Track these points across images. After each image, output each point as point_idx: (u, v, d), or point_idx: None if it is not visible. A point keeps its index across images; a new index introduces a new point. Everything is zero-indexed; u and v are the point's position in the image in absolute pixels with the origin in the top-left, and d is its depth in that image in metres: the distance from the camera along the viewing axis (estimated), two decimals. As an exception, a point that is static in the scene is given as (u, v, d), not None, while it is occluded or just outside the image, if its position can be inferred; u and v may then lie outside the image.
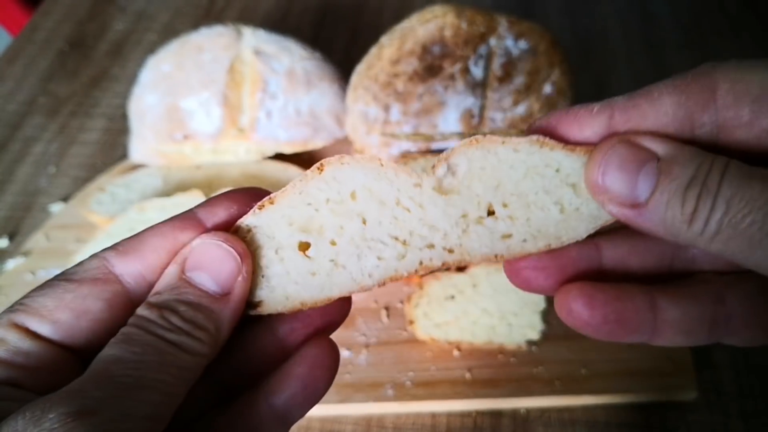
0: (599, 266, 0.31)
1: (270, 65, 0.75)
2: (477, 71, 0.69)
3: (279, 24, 1.02)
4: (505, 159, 0.28)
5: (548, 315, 0.60)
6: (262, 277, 0.29)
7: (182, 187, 0.73)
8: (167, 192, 0.73)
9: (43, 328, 0.26)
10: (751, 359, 0.59)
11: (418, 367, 0.59)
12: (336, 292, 0.29)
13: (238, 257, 0.27)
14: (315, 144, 0.76)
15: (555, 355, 0.58)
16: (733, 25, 0.96)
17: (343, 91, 0.77)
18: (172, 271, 0.28)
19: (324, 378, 0.30)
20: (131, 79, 0.81)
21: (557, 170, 0.28)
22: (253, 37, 0.77)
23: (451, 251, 0.29)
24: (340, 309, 0.32)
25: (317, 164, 0.28)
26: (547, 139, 0.28)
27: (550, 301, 0.59)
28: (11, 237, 0.74)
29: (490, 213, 0.29)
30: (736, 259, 0.24)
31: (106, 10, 1.07)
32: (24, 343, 0.26)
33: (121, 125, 0.85)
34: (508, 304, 0.59)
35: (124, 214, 0.68)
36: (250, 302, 0.29)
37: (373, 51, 0.73)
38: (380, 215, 0.29)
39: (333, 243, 0.29)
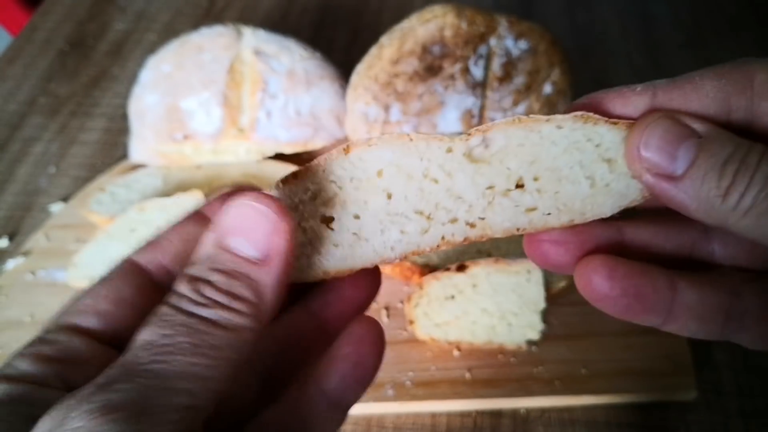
0: (620, 247, 0.31)
1: (270, 65, 0.75)
2: (477, 71, 0.69)
3: (279, 24, 1.02)
4: (547, 135, 0.28)
5: (548, 315, 0.60)
6: None
7: (182, 187, 0.73)
8: (167, 192, 0.73)
9: (89, 321, 0.27)
10: (751, 359, 0.59)
11: (418, 366, 0.59)
12: (358, 264, 0.29)
13: (274, 215, 0.25)
14: (315, 144, 0.76)
15: (555, 354, 0.58)
16: (732, 25, 0.96)
17: (343, 91, 0.77)
18: (208, 239, 0.26)
19: (372, 355, 0.29)
20: (131, 79, 0.81)
21: (597, 145, 0.28)
22: (253, 37, 0.77)
23: (473, 226, 0.29)
24: (372, 282, 0.32)
25: (343, 146, 0.28)
26: (591, 114, 0.28)
27: (549, 301, 0.59)
28: (11, 237, 0.74)
29: (518, 186, 0.29)
30: (765, 236, 0.24)
31: (106, 10, 1.07)
32: (73, 341, 0.26)
33: (121, 125, 0.85)
34: (507, 304, 0.59)
35: (124, 214, 0.68)
36: None
37: (373, 51, 0.73)
38: (406, 190, 0.28)
39: (356, 217, 0.29)
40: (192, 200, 0.68)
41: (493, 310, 0.59)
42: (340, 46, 0.98)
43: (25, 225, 0.75)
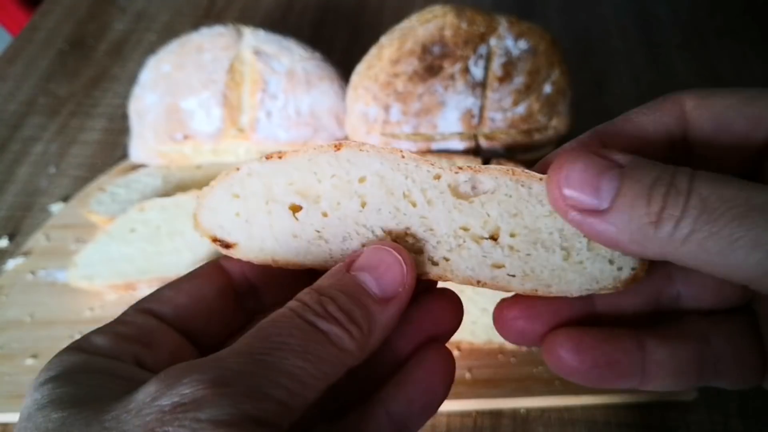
0: (592, 311, 0.31)
1: (270, 65, 0.75)
2: (477, 71, 0.69)
3: (279, 24, 1.02)
4: (537, 193, 0.27)
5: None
6: (246, 221, 0.30)
7: (182, 187, 0.73)
8: (167, 192, 0.73)
9: (165, 310, 0.29)
10: (751, 359, 0.59)
11: (418, 366, 0.59)
12: (309, 261, 0.29)
13: (404, 267, 0.27)
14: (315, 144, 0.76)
15: (555, 354, 0.58)
16: (731, 25, 0.96)
17: (343, 91, 0.77)
18: (338, 268, 0.27)
19: (442, 383, 0.29)
20: (131, 79, 0.81)
21: None
22: (253, 37, 0.77)
23: (435, 263, 0.29)
24: (454, 317, 0.31)
25: (335, 141, 0.29)
26: None
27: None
28: (11, 237, 0.74)
29: (492, 238, 0.28)
30: (710, 263, 0.23)
31: (106, 10, 1.07)
32: (148, 323, 0.28)
33: (121, 125, 0.85)
34: (508, 304, 0.59)
35: (124, 214, 0.68)
36: (224, 241, 0.30)
37: (373, 51, 0.73)
38: (382, 204, 0.28)
39: (324, 214, 0.29)
40: (192, 200, 0.68)
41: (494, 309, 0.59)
42: (340, 46, 0.98)
43: (26, 225, 0.75)
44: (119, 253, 0.65)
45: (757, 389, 0.57)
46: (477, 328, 0.59)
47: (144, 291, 0.65)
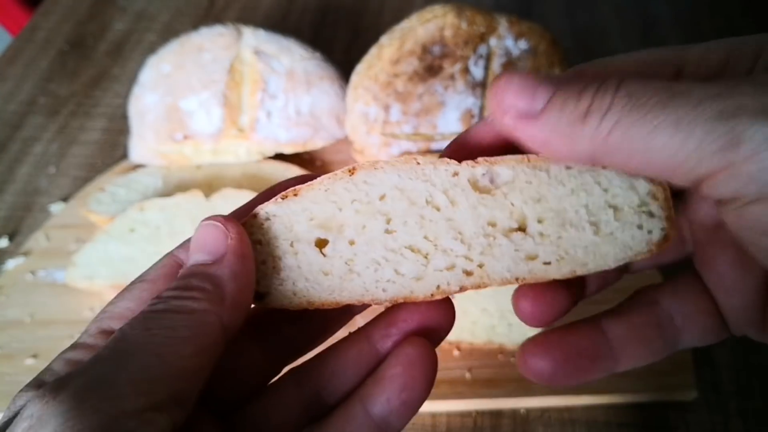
0: (606, 347, 0.31)
1: (270, 65, 0.75)
2: (477, 71, 0.69)
3: (279, 24, 1.02)
4: (555, 175, 0.28)
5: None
6: (273, 268, 0.29)
7: (182, 187, 0.73)
8: (167, 192, 0.73)
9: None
10: (751, 358, 0.59)
11: (418, 366, 0.59)
12: (345, 298, 0.29)
13: (220, 224, 0.27)
14: (315, 144, 0.76)
15: (555, 354, 0.58)
16: (732, 25, 0.96)
17: (343, 91, 0.77)
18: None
19: (421, 379, 0.28)
20: (131, 79, 0.81)
21: (605, 189, 0.28)
22: (253, 37, 0.77)
23: (470, 274, 0.28)
24: (445, 314, 0.31)
25: (349, 167, 0.28)
26: None
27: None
28: (11, 237, 0.74)
29: (520, 229, 0.28)
30: (635, 152, 0.23)
31: (106, 10, 1.07)
32: None
33: (121, 125, 0.85)
34: (507, 303, 0.59)
35: (123, 214, 0.68)
36: (258, 292, 0.29)
37: (373, 51, 0.73)
38: (407, 215, 0.28)
39: (352, 242, 0.28)
40: (192, 200, 0.68)
41: (493, 309, 0.59)
42: (340, 46, 0.98)
43: (25, 225, 0.75)
44: (119, 253, 0.65)
45: (758, 390, 0.58)
46: (477, 328, 0.59)
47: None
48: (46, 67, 0.97)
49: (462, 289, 0.28)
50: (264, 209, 0.29)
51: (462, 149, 0.30)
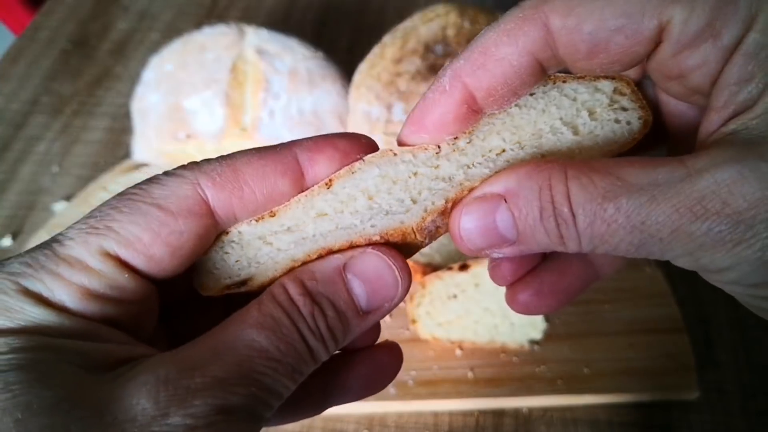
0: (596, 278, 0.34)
1: (273, 64, 0.75)
2: (479, 70, 0.69)
3: (282, 23, 1.02)
4: (524, 103, 0.29)
5: (550, 314, 0.60)
6: (248, 263, 0.28)
7: (185, 186, 0.73)
8: (170, 191, 0.73)
9: (138, 261, 0.24)
10: (753, 358, 0.58)
11: (420, 366, 0.59)
12: (331, 242, 0.28)
13: (399, 280, 0.27)
14: (317, 143, 0.76)
15: (557, 354, 0.58)
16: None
17: (345, 91, 0.77)
18: (334, 261, 0.27)
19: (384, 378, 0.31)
20: (134, 79, 0.81)
21: (574, 99, 0.28)
22: (255, 37, 0.77)
23: (454, 184, 0.29)
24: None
25: (325, 180, 0.28)
26: (558, 74, 0.28)
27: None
28: (14, 236, 0.74)
29: (506, 161, 0.29)
30: (621, 249, 0.24)
31: (109, 10, 1.07)
32: (120, 277, 0.24)
33: (124, 124, 0.85)
34: (510, 303, 0.59)
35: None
36: (237, 283, 0.28)
37: (376, 50, 0.73)
38: (390, 188, 0.28)
39: (331, 219, 0.28)
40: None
41: (496, 309, 0.59)
42: (343, 45, 0.98)
43: (28, 224, 0.76)
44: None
45: (760, 389, 0.57)
46: (479, 327, 0.59)
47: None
48: (49, 67, 0.97)
49: (447, 201, 0.28)
50: (237, 229, 0.28)
51: (420, 122, 0.29)
